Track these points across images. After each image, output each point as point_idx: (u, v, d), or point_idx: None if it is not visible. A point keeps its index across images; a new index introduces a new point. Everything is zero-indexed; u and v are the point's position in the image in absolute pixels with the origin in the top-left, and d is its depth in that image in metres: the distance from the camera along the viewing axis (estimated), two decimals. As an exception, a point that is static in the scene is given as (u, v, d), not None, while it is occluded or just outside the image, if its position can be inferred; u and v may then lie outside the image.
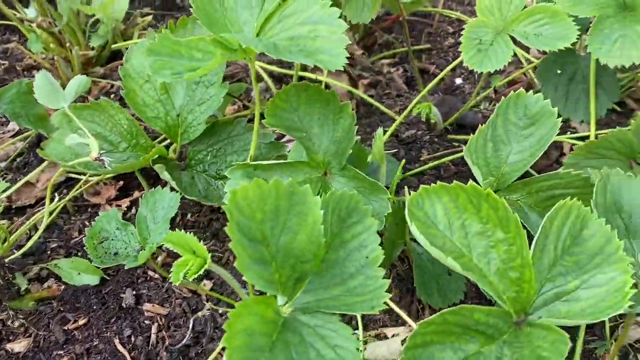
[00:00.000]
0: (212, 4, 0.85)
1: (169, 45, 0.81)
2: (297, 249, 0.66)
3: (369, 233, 0.72)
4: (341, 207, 0.71)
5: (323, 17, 0.75)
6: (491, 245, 0.66)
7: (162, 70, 0.78)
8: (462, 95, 1.51)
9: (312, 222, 0.66)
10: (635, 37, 0.93)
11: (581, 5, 0.98)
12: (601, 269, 0.66)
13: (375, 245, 0.71)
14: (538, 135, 0.85)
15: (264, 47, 0.71)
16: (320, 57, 0.73)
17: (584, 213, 0.70)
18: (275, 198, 0.63)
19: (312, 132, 0.86)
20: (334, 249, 0.71)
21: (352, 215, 0.72)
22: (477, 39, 1.02)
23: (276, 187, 0.63)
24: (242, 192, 0.62)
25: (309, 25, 0.76)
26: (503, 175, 0.86)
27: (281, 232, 0.65)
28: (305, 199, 0.64)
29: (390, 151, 1.29)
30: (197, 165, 1.06)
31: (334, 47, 0.73)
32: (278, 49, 0.73)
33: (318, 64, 0.71)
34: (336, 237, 0.72)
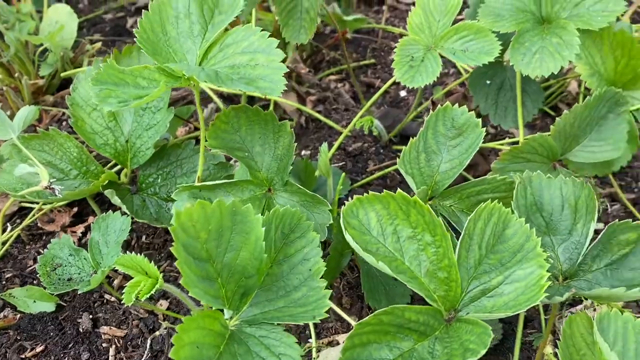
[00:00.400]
0: (155, 33, 0.89)
1: (114, 74, 0.84)
2: (241, 266, 0.70)
3: (312, 247, 0.76)
4: (284, 224, 0.76)
5: (261, 47, 0.80)
6: (421, 248, 0.72)
7: (108, 99, 0.81)
8: (406, 106, 1.57)
9: (254, 239, 0.70)
10: (552, 49, 1.01)
11: (502, 21, 1.06)
12: (521, 265, 0.72)
13: (317, 258, 0.76)
14: (465, 145, 0.91)
15: (207, 76, 0.75)
16: (260, 84, 0.77)
17: (505, 214, 0.76)
18: (218, 218, 0.67)
19: (255, 151, 0.90)
20: (279, 263, 0.75)
21: (295, 231, 0.77)
22: (409, 56, 1.08)
23: (219, 208, 0.67)
24: (187, 214, 0.66)
25: (248, 54, 0.80)
26: (436, 183, 0.92)
27: (225, 250, 0.69)
28: (247, 217, 0.69)
29: (338, 164, 1.35)
30: (148, 188, 1.09)
31: (272, 75, 0.78)
32: (220, 77, 0.77)
33: (258, 91, 0.76)
34: (280, 252, 0.76)
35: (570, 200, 0.83)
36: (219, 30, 0.86)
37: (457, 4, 1.08)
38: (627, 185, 1.33)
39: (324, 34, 1.83)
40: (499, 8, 1.07)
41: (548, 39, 1.02)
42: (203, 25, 0.86)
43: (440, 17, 1.10)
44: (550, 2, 1.06)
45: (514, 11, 1.07)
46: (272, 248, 0.75)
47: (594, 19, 1.01)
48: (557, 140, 0.97)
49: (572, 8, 1.04)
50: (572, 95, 1.46)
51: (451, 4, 1.09)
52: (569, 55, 0.98)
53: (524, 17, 1.06)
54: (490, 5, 1.08)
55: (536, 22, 1.07)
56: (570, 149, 0.99)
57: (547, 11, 1.06)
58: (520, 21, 1.05)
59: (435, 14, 1.10)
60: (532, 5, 1.07)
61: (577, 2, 1.04)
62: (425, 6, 1.11)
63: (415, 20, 1.11)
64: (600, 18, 1.00)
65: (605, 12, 1.01)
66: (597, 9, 1.02)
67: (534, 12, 1.07)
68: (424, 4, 1.11)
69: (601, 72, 1.03)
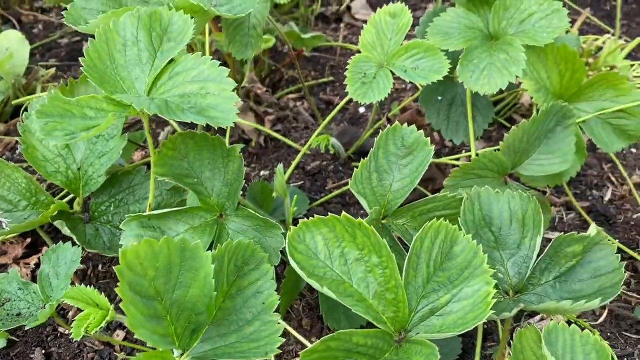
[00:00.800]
0: (102, 61, 0.87)
1: (60, 105, 0.81)
2: (190, 302, 0.69)
3: (265, 279, 0.76)
4: (237, 256, 0.75)
5: (212, 75, 0.79)
6: (368, 270, 0.72)
7: (54, 132, 0.77)
8: (366, 123, 1.58)
9: (204, 275, 0.69)
10: (500, 65, 1.02)
11: (450, 39, 1.07)
12: (468, 282, 0.73)
13: (271, 291, 0.75)
14: (416, 163, 0.92)
15: (157, 107, 0.74)
16: (211, 114, 0.76)
17: (453, 230, 0.77)
18: (167, 255, 0.66)
19: (204, 177, 0.89)
20: (231, 297, 0.75)
21: (249, 263, 0.76)
22: (361, 73, 1.09)
23: (167, 244, 0.66)
24: (133, 251, 0.65)
25: (199, 82, 0.79)
26: (389, 202, 0.92)
27: (174, 286, 0.68)
28: (196, 254, 0.68)
29: (296, 183, 1.34)
30: (101, 216, 1.07)
31: (224, 104, 0.77)
32: (170, 108, 0.76)
33: (209, 121, 0.74)
34: (233, 285, 0.75)
35: (517, 214, 0.85)
36: (168, 57, 0.84)
37: (407, 23, 1.10)
38: (581, 194, 1.36)
39: (282, 52, 1.84)
40: (447, 26, 1.09)
41: (496, 56, 1.04)
42: (152, 53, 0.85)
43: (392, 35, 1.11)
44: (498, 19, 1.08)
45: (461, 29, 1.09)
46: (224, 281, 0.74)
47: (539, 35, 1.03)
48: (506, 155, 0.99)
49: (518, 24, 1.06)
50: (525, 107, 1.49)
51: (402, 22, 1.10)
52: (516, 71, 1.00)
53: (471, 35, 1.08)
54: (439, 23, 1.10)
55: (484, 38, 1.08)
56: (520, 162, 1.01)
57: (494, 28, 1.08)
58: (468, 38, 1.07)
59: (387, 32, 1.12)
60: (480, 23, 1.10)
61: (523, 19, 1.06)
62: (377, 24, 1.12)
63: (368, 38, 1.12)
64: (545, 34, 1.03)
65: (549, 28, 1.03)
66: (542, 25, 1.04)
67: (482, 29, 1.09)
68: (376, 22, 1.13)
69: (547, 86, 1.05)
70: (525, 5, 1.05)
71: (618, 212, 1.31)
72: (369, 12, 1.97)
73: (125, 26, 0.85)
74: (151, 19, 0.85)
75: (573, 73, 1.04)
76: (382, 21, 1.11)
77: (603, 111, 1.06)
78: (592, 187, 1.37)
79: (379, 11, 1.12)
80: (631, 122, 1.07)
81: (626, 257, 1.20)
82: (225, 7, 0.94)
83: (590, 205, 1.32)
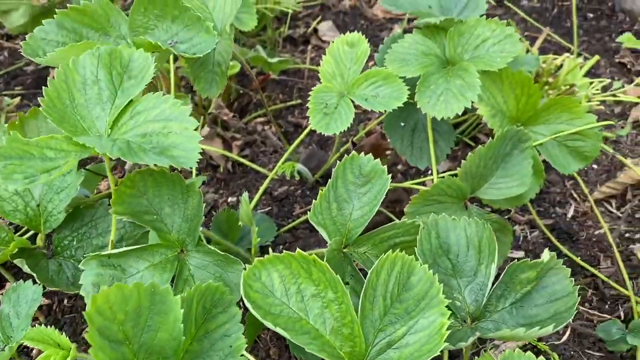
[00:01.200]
0: (62, 100, 0.87)
1: (19, 146, 0.80)
2: (158, 346, 0.69)
3: (233, 322, 0.76)
4: (206, 299, 0.75)
5: (174, 114, 0.79)
6: (325, 306, 0.72)
7: (13, 176, 0.76)
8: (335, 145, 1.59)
9: (173, 319, 0.69)
10: (456, 90, 1.04)
11: (408, 66, 1.09)
12: (424, 313, 0.74)
13: (239, 334, 0.75)
14: (374, 192, 0.93)
15: (119, 150, 0.74)
16: (174, 153, 0.76)
17: (409, 261, 0.78)
18: (137, 299, 0.66)
19: (164, 213, 0.89)
20: (199, 340, 0.75)
21: (217, 306, 0.76)
22: (323, 103, 1.10)
23: (137, 289, 0.66)
24: (103, 296, 0.65)
25: (161, 121, 0.80)
26: (349, 231, 0.93)
27: (143, 330, 0.68)
28: (166, 298, 0.68)
29: (264, 209, 1.35)
30: (64, 251, 1.06)
31: (187, 142, 0.77)
32: (132, 149, 0.76)
33: (172, 162, 0.74)
34: (201, 327, 0.75)
35: (474, 241, 0.86)
36: (130, 96, 0.84)
37: (365, 52, 1.12)
38: (545, 211, 1.38)
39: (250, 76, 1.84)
40: (404, 53, 1.11)
41: (452, 81, 1.06)
42: (112, 91, 0.85)
43: (351, 64, 1.13)
44: (453, 45, 1.10)
45: (418, 55, 1.10)
46: (193, 324, 0.74)
47: (494, 60, 1.05)
48: (465, 181, 1.00)
49: (473, 50, 1.08)
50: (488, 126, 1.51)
51: (360, 51, 1.12)
52: (472, 97, 1.02)
53: (428, 61, 1.10)
54: (396, 51, 1.11)
55: (441, 64, 1.11)
56: (479, 187, 1.03)
57: (450, 54, 1.11)
58: (425, 65, 1.09)
59: (346, 61, 1.13)
60: (437, 49, 1.12)
61: (477, 44, 1.08)
62: (335, 55, 1.14)
63: (327, 68, 1.14)
64: (499, 59, 1.05)
65: (503, 53, 1.06)
66: (496, 50, 1.07)
67: (439, 55, 1.11)
68: (334, 52, 1.14)
69: (504, 110, 1.08)
70: (479, 31, 1.08)
71: (581, 229, 1.33)
72: (336, 33, 1.99)
73: (85, 65, 0.85)
74: (111, 58, 0.85)
75: (529, 97, 1.07)
76: (340, 51, 1.12)
77: (559, 134, 1.08)
78: (556, 205, 1.40)
79: (336, 41, 1.13)
80: (586, 144, 1.09)
81: (588, 274, 1.22)
82: (185, 45, 0.95)
83: (554, 223, 1.34)
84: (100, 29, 0.98)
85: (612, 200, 1.40)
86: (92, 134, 0.83)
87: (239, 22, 1.44)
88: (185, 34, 0.95)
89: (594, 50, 1.87)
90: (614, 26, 1.97)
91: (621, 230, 1.32)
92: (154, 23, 0.96)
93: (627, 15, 1.99)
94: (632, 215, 1.36)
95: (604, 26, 1.97)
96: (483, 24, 1.07)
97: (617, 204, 1.39)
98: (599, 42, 1.90)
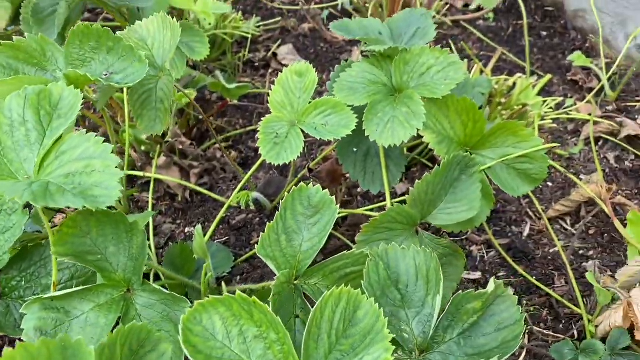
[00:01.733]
0: None
1: None
2: None
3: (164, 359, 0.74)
4: (132, 340, 0.74)
5: (97, 153, 0.79)
6: (267, 347, 0.72)
7: None
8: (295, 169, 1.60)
9: None
10: (403, 118, 1.05)
11: (356, 94, 1.10)
12: (369, 350, 0.73)
13: None
14: (324, 222, 0.93)
15: (30, 195, 0.72)
16: (95, 192, 0.75)
17: (355, 295, 0.77)
18: (47, 357, 0.64)
19: (109, 252, 0.88)
20: None
21: (145, 346, 0.75)
22: (273, 133, 1.10)
23: (46, 346, 0.64)
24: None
25: (84, 160, 0.79)
26: (299, 263, 0.92)
27: None
28: (79, 350, 0.66)
29: (221, 239, 1.34)
30: (12, 292, 1.04)
31: (109, 181, 0.77)
32: (49, 192, 0.74)
33: (89, 203, 0.74)
34: None
35: (422, 271, 0.86)
36: (57, 135, 0.83)
37: (313, 81, 1.12)
38: (501, 230, 1.40)
39: (211, 101, 1.84)
40: (352, 81, 1.12)
41: (399, 109, 1.07)
42: (41, 132, 0.84)
43: (300, 94, 1.13)
44: (400, 73, 1.11)
45: (366, 84, 1.11)
46: None
47: (438, 87, 1.06)
48: (414, 208, 1.01)
49: (418, 78, 1.10)
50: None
51: (308, 81, 1.13)
52: (417, 124, 1.03)
53: (376, 89, 1.11)
54: (344, 79, 1.12)
55: (389, 92, 1.11)
56: (429, 213, 1.03)
57: (397, 81, 1.12)
58: (373, 93, 1.10)
59: (295, 91, 1.14)
60: (384, 77, 1.13)
61: (422, 72, 1.10)
62: (284, 84, 1.14)
63: (277, 98, 1.14)
64: (443, 86, 1.06)
65: (447, 80, 1.07)
66: (440, 78, 1.08)
67: (386, 83, 1.12)
68: (283, 82, 1.14)
69: (451, 136, 1.09)
70: (423, 59, 1.09)
71: (536, 247, 1.35)
72: (296, 57, 2.00)
73: (12, 107, 0.84)
74: (39, 97, 0.84)
75: (475, 123, 1.08)
76: (289, 80, 1.13)
77: (507, 157, 1.10)
78: (512, 223, 1.41)
79: (285, 71, 1.14)
80: (534, 166, 1.11)
81: (543, 294, 1.23)
82: (120, 76, 0.94)
83: (510, 242, 1.36)
84: (36, 64, 0.97)
85: (566, 218, 1.42)
86: (21, 176, 0.81)
87: (192, 51, 1.44)
88: (121, 64, 0.94)
89: (548, 67, 1.91)
90: (566, 44, 2.02)
91: (575, 247, 1.34)
92: (90, 55, 0.95)
93: (578, 32, 2.05)
94: (586, 231, 1.38)
95: (557, 44, 2.02)
96: (427, 52, 1.09)
97: (571, 221, 1.42)
98: (553, 60, 1.95)
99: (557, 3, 2.16)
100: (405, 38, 1.19)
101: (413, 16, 1.19)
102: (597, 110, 1.68)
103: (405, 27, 1.20)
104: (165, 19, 1.08)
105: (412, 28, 1.20)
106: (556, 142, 1.61)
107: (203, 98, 1.84)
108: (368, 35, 1.20)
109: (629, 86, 1.79)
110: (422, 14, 1.18)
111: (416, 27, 1.18)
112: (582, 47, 1.99)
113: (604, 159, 1.56)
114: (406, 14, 1.20)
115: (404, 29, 1.20)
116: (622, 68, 1.82)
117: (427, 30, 1.17)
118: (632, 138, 1.58)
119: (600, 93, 1.77)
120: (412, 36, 1.18)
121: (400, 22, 1.21)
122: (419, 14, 1.18)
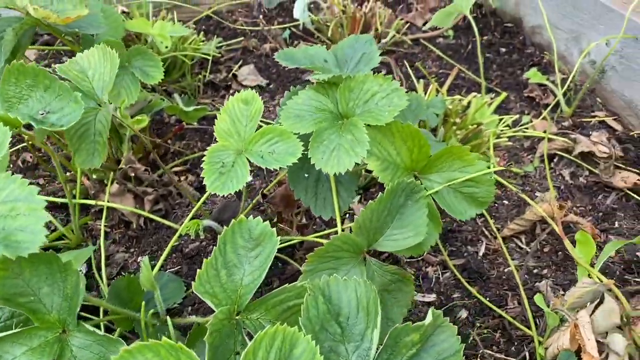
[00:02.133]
0: None
1: None
2: None
3: None
4: None
5: (22, 195, 0.77)
6: (196, 391, 0.70)
7: None
8: (253, 192, 1.59)
9: None
10: (348, 146, 1.05)
11: (302, 122, 1.09)
12: (303, 389, 0.72)
13: None
14: (265, 254, 0.92)
15: None
16: (18, 237, 0.74)
17: (291, 333, 0.76)
18: None
19: (43, 292, 0.86)
20: None
21: None
22: (219, 162, 1.09)
23: None
24: None
25: (9, 203, 0.77)
26: (240, 297, 0.91)
27: None
28: None
29: (173, 268, 1.32)
30: (-50, 333, 1.01)
31: (34, 225, 0.75)
32: None
33: (11, 250, 0.72)
34: None
35: (363, 302, 0.86)
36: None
37: (259, 109, 1.12)
38: (457, 250, 1.40)
39: (170, 124, 1.83)
40: (299, 109, 1.11)
41: (344, 137, 1.07)
42: (-32, 172, 0.82)
43: (247, 122, 1.12)
44: (345, 100, 1.11)
45: (312, 111, 1.11)
46: None
47: (382, 114, 1.06)
48: (360, 236, 1.00)
49: (363, 105, 1.10)
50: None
51: (254, 109, 1.12)
52: (361, 152, 1.03)
53: (322, 116, 1.11)
54: (291, 107, 1.12)
55: (335, 119, 1.11)
56: (375, 240, 1.03)
57: (343, 108, 1.12)
58: (319, 120, 1.10)
59: (242, 119, 1.13)
60: (330, 104, 1.13)
61: (367, 99, 1.10)
62: (231, 112, 1.14)
63: (223, 126, 1.13)
64: (386, 113, 1.06)
65: (390, 106, 1.07)
66: (384, 104, 1.08)
67: (332, 110, 1.12)
68: (229, 110, 1.14)
69: (398, 162, 1.09)
70: (367, 86, 1.09)
71: (491, 267, 1.36)
72: (257, 77, 2.00)
73: (-60, 149, 0.82)
74: (-33, 137, 0.83)
75: (420, 148, 1.09)
76: (235, 108, 1.12)
77: (453, 181, 1.10)
78: (468, 243, 1.42)
79: (231, 99, 1.13)
80: (480, 190, 1.11)
81: (496, 315, 1.24)
82: (56, 115, 0.93)
83: (465, 262, 1.36)
84: (-30, 103, 0.95)
85: (521, 236, 1.43)
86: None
87: (146, 75, 1.43)
88: (57, 103, 0.93)
89: (507, 84, 1.93)
90: (525, 59, 2.04)
91: (529, 266, 1.34)
92: (27, 93, 0.94)
93: (536, 48, 2.07)
94: (540, 250, 1.39)
95: (516, 60, 2.04)
96: (371, 79, 1.09)
97: (527, 239, 1.43)
98: (512, 76, 1.97)
99: (516, 19, 2.19)
100: (351, 64, 1.19)
101: (358, 42, 1.20)
102: (553, 127, 1.70)
103: (351, 53, 1.20)
104: (106, 50, 1.07)
105: (357, 54, 1.21)
106: (512, 160, 1.62)
107: (162, 120, 1.83)
108: (314, 63, 1.20)
109: (584, 102, 1.81)
110: (366, 40, 1.18)
111: (361, 52, 1.19)
112: (540, 62, 2.01)
113: (559, 176, 1.58)
114: (351, 41, 1.21)
115: (349, 55, 1.21)
116: (577, 84, 1.84)
117: (372, 56, 1.18)
118: (586, 154, 1.60)
119: (557, 109, 1.79)
120: (357, 62, 1.19)
121: (346, 48, 1.21)
122: (363, 40, 1.19)
